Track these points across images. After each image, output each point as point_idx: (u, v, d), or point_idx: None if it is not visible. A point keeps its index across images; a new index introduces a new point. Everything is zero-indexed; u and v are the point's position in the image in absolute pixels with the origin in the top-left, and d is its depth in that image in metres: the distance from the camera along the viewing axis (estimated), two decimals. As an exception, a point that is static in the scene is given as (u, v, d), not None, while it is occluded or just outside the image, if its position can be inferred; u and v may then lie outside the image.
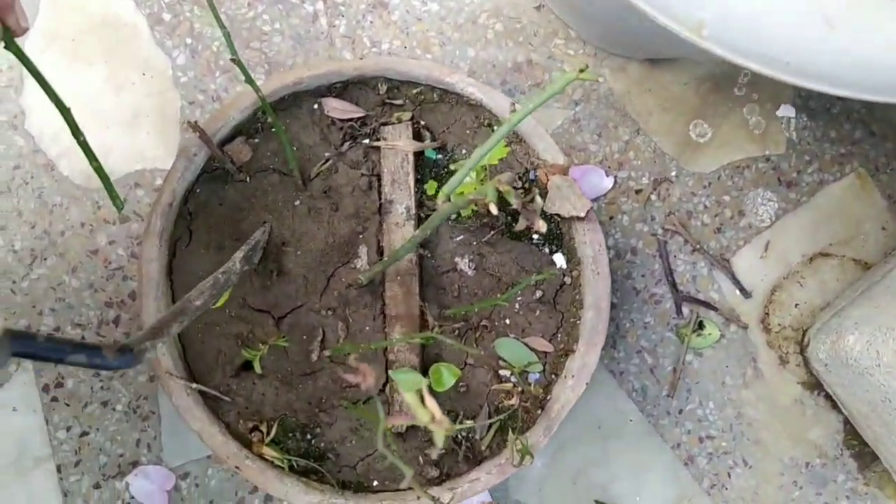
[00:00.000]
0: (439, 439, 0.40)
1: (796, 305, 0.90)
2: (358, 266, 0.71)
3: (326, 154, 0.73)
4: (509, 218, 0.72)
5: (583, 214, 0.68)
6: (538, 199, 0.45)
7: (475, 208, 0.70)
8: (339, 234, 0.72)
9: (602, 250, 0.70)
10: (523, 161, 0.73)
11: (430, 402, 0.40)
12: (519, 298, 0.72)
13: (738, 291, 0.90)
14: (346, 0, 0.89)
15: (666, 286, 0.89)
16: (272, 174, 0.72)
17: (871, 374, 0.74)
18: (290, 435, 0.70)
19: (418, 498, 0.67)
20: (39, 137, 0.85)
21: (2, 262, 0.83)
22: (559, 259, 0.72)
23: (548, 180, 0.69)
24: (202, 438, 0.67)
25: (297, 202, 0.72)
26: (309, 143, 0.73)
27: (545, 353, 0.72)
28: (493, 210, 0.46)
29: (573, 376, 0.69)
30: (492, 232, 0.72)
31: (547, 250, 0.73)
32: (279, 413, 0.70)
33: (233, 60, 0.56)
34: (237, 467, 0.67)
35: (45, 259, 0.84)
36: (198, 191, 0.71)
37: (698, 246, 0.89)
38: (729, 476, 0.88)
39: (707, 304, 0.89)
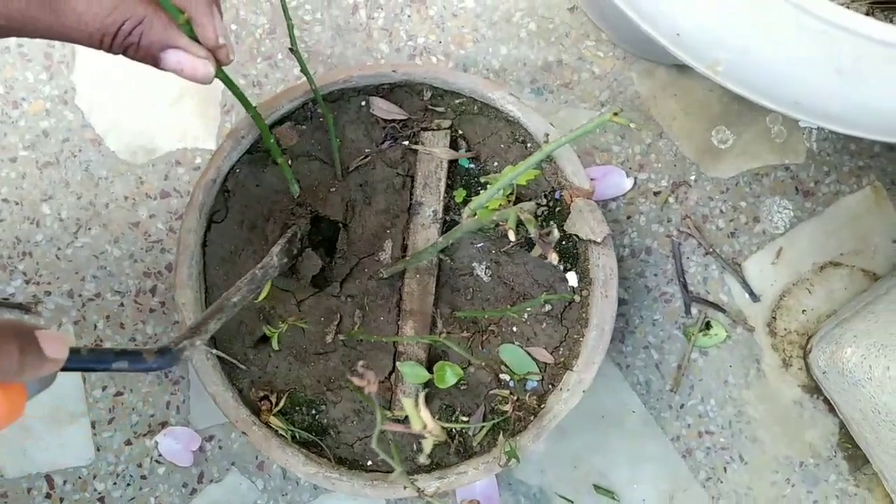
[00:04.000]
0: (427, 446, 0.43)
1: (803, 311, 0.93)
2: (381, 259, 0.75)
3: (367, 150, 0.76)
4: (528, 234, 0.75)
5: (600, 240, 0.70)
6: (555, 231, 0.49)
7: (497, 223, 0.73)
8: (367, 227, 0.76)
9: (613, 275, 0.72)
10: (551, 180, 0.76)
11: (425, 412, 0.42)
12: (528, 309, 0.75)
13: (747, 295, 0.93)
14: (385, -8, 0.92)
15: (677, 286, 0.93)
16: (313, 161, 0.76)
17: (863, 386, 0.77)
18: (297, 408, 0.75)
19: (405, 487, 0.71)
20: (88, 113, 0.89)
21: (49, 229, 0.88)
22: (572, 278, 0.75)
23: (571, 202, 0.72)
24: (216, 401, 0.72)
25: (333, 190, 0.76)
26: (352, 138, 0.76)
27: (545, 363, 0.75)
28: (511, 236, 0.50)
29: (569, 390, 0.72)
30: (511, 243, 0.75)
31: (561, 268, 0.75)
32: (289, 386, 0.75)
33: (291, 51, 0.60)
34: (244, 432, 0.72)
35: (89, 229, 0.89)
36: (237, 171, 0.75)
37: (711, 249, 0.92)
38: (725, 470, 0.92)
39: (716, 306, 0.93)
